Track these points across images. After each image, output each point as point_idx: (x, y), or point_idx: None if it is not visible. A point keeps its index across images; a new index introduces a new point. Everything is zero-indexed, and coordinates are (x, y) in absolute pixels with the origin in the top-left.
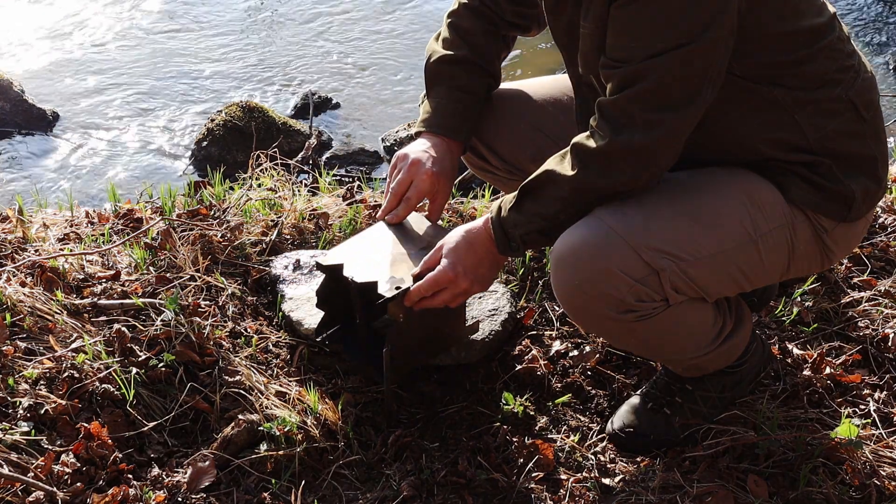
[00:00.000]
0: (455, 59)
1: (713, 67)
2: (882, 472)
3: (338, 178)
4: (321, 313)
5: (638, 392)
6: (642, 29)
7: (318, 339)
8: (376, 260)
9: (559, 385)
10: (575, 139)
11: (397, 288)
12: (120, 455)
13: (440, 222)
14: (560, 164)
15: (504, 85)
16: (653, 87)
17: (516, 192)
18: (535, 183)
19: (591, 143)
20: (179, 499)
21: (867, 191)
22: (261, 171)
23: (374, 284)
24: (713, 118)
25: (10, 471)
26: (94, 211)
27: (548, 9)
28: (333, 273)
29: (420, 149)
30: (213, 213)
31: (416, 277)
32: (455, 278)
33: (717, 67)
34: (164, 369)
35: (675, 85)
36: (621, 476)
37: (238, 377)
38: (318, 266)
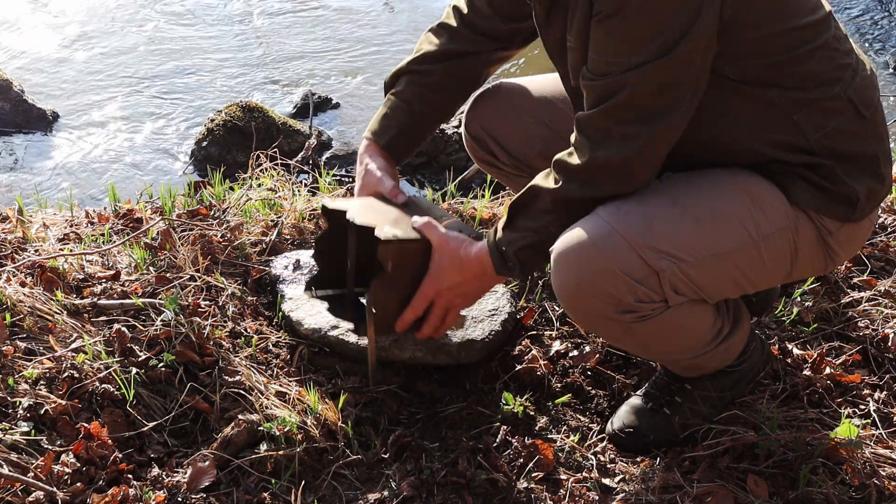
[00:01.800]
0: (404, 70)
1: (688, 80)
2: (882, 472)
3: (338, 178)
4: (321, 313)
5: (638, 392)
6: (617, 43)
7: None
8: (380, 214)
9: (559, 385)
10: (556, 156)
11: (395, 237)
12: (120, 455)
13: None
14: (545, 179)
15: (513, 79)
16: (627, 100)
17: (507, 211)
18: (522, 199)
19: (572, 160)
20: (179, 499)
21: (871, 190)
22: (261, 171)
23: (371, 229)
24: (711, 122)
25: (10, 471)
26: (94, 211)
27: (539, 22)
28: (335, 219)
29: (360, 164)
30: (213, 213)
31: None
32: (439, 294)
33: (694, 79)
34: (164, 369)
35: (649, 98)
36: (621, 476)
37: (238, 377)
38: (324, 208)
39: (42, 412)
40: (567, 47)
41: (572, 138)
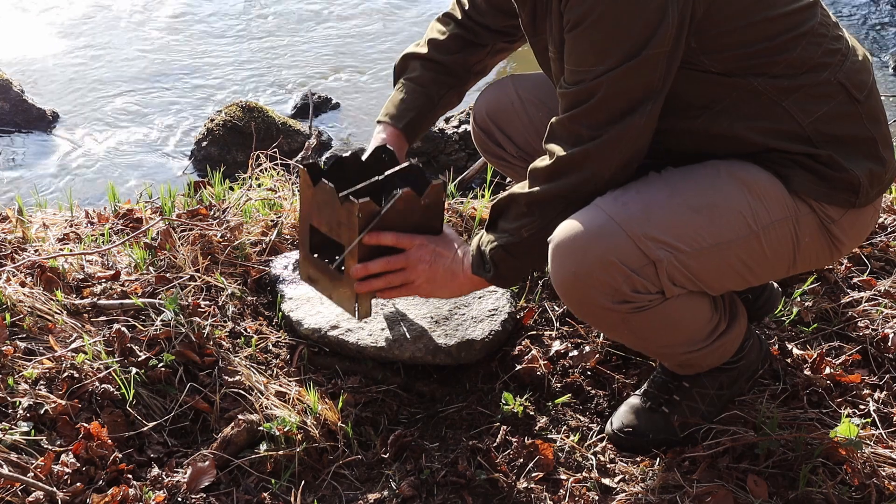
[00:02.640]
0: (415, 55)
1: (654, 81)
2: (882, 472)
3: None
4: (321, 313)
5: (637, 392)
6: (585, 52)
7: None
8: None
9: (559, 385)
10: (531, 166)
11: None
12: (120, 455)
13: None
14: (521, 186)
15: (523, 73)
16: (598, 104)
17: (489, 213)
18: (502, 202)
19: (542, 164)
20: (179, 499)
21: (872, 173)
22: (261, 171)
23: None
24: (696, 115)
25: (10, 471)
26: (93, 211)
27: (526, 30)
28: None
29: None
30: (212, 213)
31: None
32: (422, 246)
33: (659, 80)
34: (164, 369)
35: (618, 100)
36: (621, 476)
37: (238, 377)
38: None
39: (42, 412)
40: (549, 57)
41: (545, 145)
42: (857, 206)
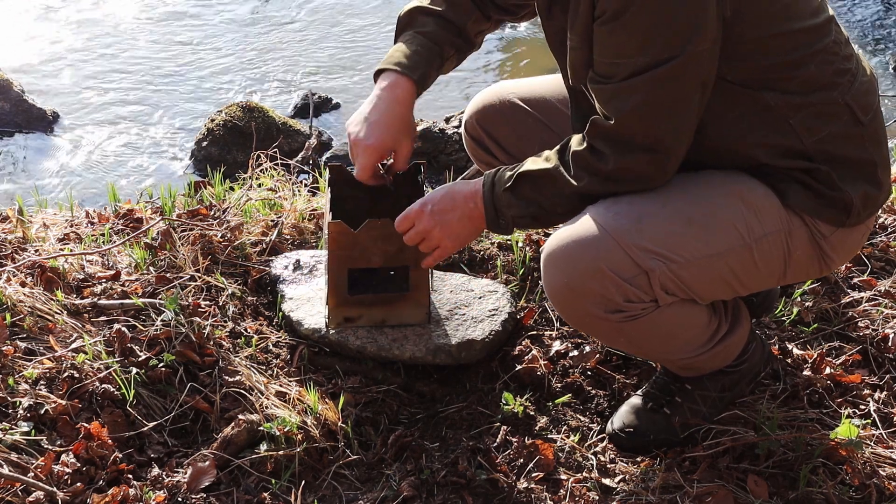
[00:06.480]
0: (426, 10)
1: (699, 78)
2: (882, 472)
3: None
4: (321, 313)
5: (638, 392)
6: (624, 46)
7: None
8: None
9: (559, 385)
10: (576, 151)
11: None
12: (120, 455)
13: None
14: (566, 173)
15: (513, 80)
16: (645, 105)
17: (513, 174)
18: (538, 174)
19: (601, 165)
20: (179, 499)
21: (867, 196)
22: (261, 171)
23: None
24: (706, 123)
25: (10, 471)
26: (94, 211)
27: (541, 12)
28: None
29: (359, 119)
30: (213, 213)
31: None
32: (421, 214)
33: (704, 77)
34: (164, 369)
35: (665, 100)
36: (621, 476)
37: (238, 377)
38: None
39: (42, 412)
40: (569, 46)
41: (592, 140)
42: (847, 226)
